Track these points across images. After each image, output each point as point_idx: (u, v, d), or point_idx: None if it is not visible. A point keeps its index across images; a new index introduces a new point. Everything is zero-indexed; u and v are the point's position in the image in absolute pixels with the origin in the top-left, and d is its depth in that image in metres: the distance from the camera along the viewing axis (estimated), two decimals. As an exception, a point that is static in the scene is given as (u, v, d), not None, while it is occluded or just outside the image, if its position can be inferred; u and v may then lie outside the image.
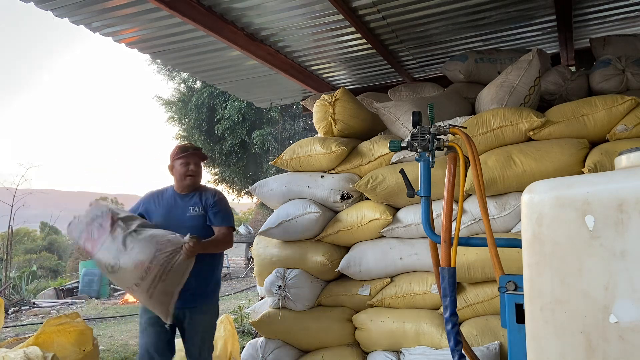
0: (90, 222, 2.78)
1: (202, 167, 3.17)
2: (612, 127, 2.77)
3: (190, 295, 2.85)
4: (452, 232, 1.74)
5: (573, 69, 4.33)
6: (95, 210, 2.83)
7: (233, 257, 17.35)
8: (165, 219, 3.00)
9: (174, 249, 2.63)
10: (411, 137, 1.92)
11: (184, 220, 2.96)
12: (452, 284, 1.72)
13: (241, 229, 17.13)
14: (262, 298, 3.77)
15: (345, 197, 3.27)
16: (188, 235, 2.69)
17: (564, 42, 4.17)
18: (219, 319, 3.79)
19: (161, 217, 3.03)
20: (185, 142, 3.18)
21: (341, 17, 3.57)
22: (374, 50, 4.22)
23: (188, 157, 3.03)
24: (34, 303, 11.17)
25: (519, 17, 3.86)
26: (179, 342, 3.05)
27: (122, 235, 2.67)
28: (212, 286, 3.05)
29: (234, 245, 3.10)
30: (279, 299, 3.18)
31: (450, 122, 3.01)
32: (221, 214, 3.00)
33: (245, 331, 6.43)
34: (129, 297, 10.95)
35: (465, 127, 2.09)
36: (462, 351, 1.70)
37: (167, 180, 3.24)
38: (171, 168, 3.11)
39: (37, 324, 7.95)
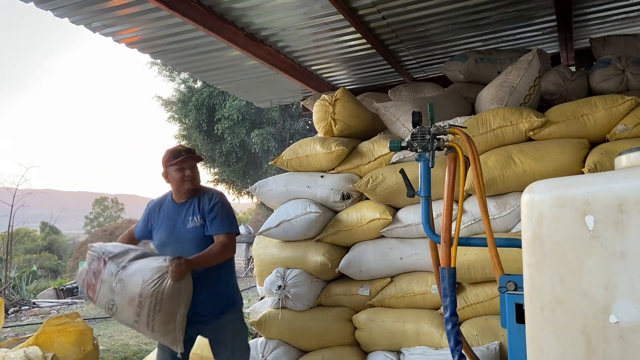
0: (88, 269, 2.70)
1: (199, 170, 2.93)
2: (612, 127, 2.77)
3: (206, 311, 2.68)
4: (452, 232, 1.74)
5: (573, 69, 4.34)
6: (91, 255, 2.73)
7: (233, 257, 17.33)
8: (168, 234, 2.80)
9: (160, 276, 2.47)
10: (411, 137, 1.92)
11: (185, 233, 2.74)
12: (452, 284, 1.72)
13: (241, 229, 17.13)
14: (262, 298, 3.77)
15: (345, 197, 3.27)
16: (167, 259, 2.52)
17: (564, 42, 4.18)
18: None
19: (164, 232, 2.82)
20: (177, 145, 2.89)
21: (341, 17, 3.57)
22: (374, 50, 4.23)
23: (182, 162, 2.76)
24: (34, 303, 11.17)
25: (519, 17, 3.86)
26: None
27: (112, 275, 2.58)
28: (226, 295, 2.80)
29: (234, 245, 2.90)
30: (279, 299, 3.18)
31: (450, 122, 3.01)
32: (217, 220, 2.72)
33: (245, 331, 6.42)
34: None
35: (465, 127, 2.09)
36: (462, 351, 1.70)
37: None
38: (165, 175, 2.84)
39: (37, 324, 7.95)
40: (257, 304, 3.61)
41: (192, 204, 2.79)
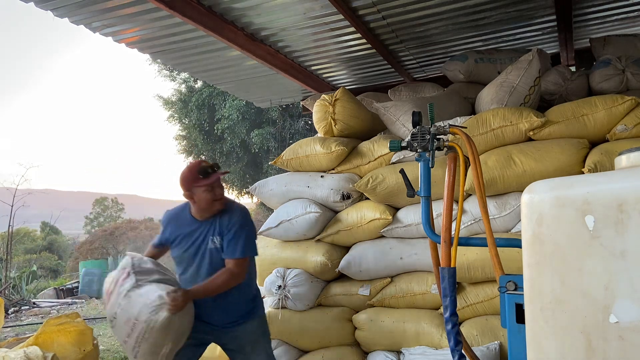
0: (115, 275, 2.65)
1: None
2: (612, 127, 2.77)
3: (218, 323, 2.62)
4: (452, 232, 1.74)
5: (573, 69, 4.34)
6: (122, 263, 2.68)
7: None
8: (186, 252, 2.62)
9: (158, 305, 2.35)
10: (411, 137, 1.92)
11: (204, 253, 2.57)
12: (452, 284, 1.72)
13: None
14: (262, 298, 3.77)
15: (345, 197, 3.27)
16: (164, 290, 2.39)
17: (564, 42, 4.18)
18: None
19: (183, 250, 2.63)
20: (199, 161, 2.67)
21: (341, 17, 3.57)
22: (374, 50, 4.23)
23: (212, 181, 2.50)
24: (34, 303, 11.16)
25: (519, 17, 3.87)
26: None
27: (126, 290, 2.53)
28: (238, 308, 2.64)
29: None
30: (279, 299, 3.18)
31: (450, 122, 3.01)
32: (232, 243, 2.50)
33: (245, 331, 6.42)
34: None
35: (465, 127, 2.09)
36: (462, 351, 1.70)
37: (167, 178, 2.99)
38: (190, 196, 2.54)
39: (37, 324, 7.95)
40: (257, 304, 3.61)
41: (214, 223, 2.57)
